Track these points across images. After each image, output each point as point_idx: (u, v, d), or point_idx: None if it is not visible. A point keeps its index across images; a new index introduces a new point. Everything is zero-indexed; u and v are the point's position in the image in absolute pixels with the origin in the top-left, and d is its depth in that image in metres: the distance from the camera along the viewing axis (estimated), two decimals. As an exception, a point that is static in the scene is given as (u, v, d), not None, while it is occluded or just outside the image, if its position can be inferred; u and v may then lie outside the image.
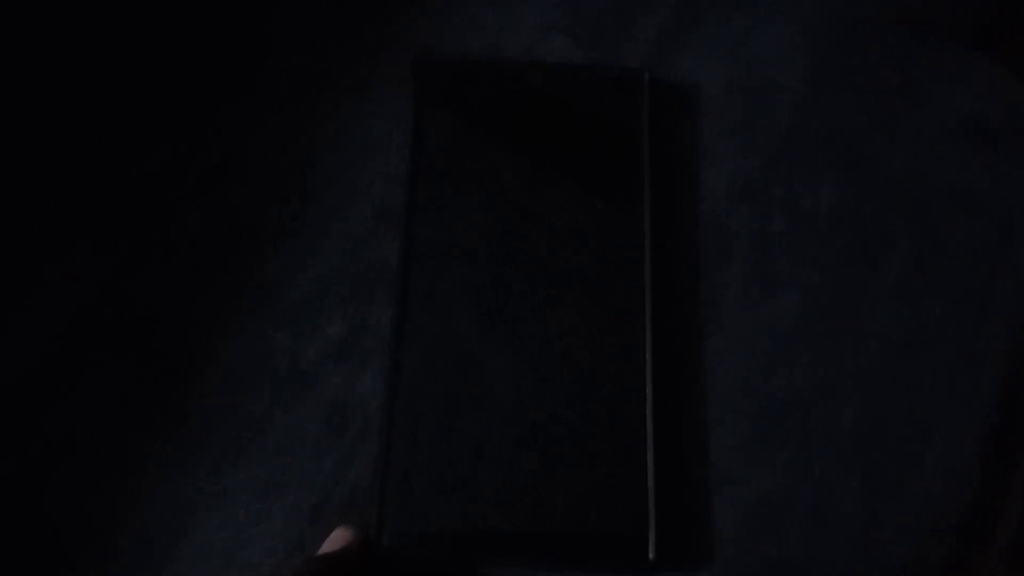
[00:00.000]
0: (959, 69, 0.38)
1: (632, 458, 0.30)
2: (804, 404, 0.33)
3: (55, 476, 0.31)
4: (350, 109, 0.36)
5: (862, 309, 0.34)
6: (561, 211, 0.33)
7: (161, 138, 0.36)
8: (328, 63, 0.37)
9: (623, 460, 0.30)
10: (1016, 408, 0.33)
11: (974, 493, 0.32)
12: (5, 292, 0.33)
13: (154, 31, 0.37)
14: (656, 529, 0.29)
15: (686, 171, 0.36)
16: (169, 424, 0.32)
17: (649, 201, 0.33)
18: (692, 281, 0.34)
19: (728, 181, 0.36)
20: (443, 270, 0.32)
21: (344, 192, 0.35)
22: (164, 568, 0.30)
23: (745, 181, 0.36)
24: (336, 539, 0.29)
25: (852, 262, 0.35)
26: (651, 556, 0.29)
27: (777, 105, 0.37)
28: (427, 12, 0.38)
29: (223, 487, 0.31)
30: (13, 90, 0.36)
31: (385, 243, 0.34)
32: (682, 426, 0.32)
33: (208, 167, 0.35)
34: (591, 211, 0.33)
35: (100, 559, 0.30)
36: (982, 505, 0.32)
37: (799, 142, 0.37)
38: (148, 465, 0.31)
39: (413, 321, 0.31)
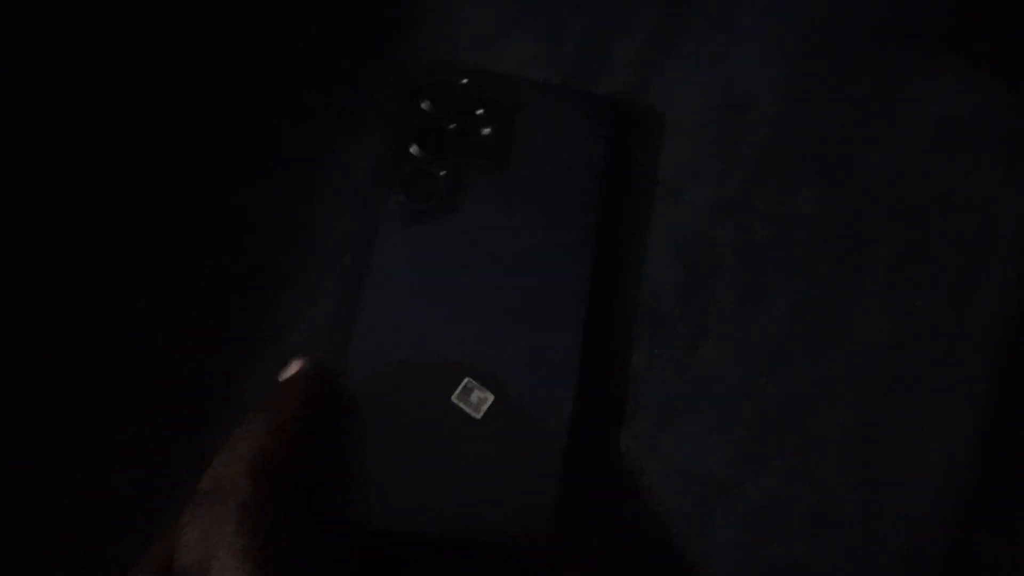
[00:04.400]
0: (933, 72, 0.39)
1: (546, 464, 0.30)
2: (798, 408, 0.34)
3: (90, 529, 0.33)
4: (345, 151, 0.38)
5: (850, 312, 0.35)
6: (523, 236, 0.33)
7: (174, 194, 0.37)
8: (321, 108, 0.39)
9: (537, 468, 0.30)
10: (1006, 398, 0.34)
11: (970, 484, 0.33)
12: (23, 357, 0.35)
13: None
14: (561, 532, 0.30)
15: (669, 191, 0.37)
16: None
17: (601, 217, 0.34)
18: (681, 296, 0.36)
19: (710, 197, 0.37)
20: (401, 290, 0.32)
21: (344, 232, 0.37)
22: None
23: (727, 196, 0.37)
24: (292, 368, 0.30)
25: (837, 266, 0.36)
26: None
27: (756, 120, 0.39)
28: (415, 54, 0.40)
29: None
30: (25, 148, 0.38)
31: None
32: (680, 436, 0.33)
33: (220, 222, 0.37)
34: (545, 236, 0.34)
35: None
36: (978, 495, 0.32)
37: (779, 155, 0.38)
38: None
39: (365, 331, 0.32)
